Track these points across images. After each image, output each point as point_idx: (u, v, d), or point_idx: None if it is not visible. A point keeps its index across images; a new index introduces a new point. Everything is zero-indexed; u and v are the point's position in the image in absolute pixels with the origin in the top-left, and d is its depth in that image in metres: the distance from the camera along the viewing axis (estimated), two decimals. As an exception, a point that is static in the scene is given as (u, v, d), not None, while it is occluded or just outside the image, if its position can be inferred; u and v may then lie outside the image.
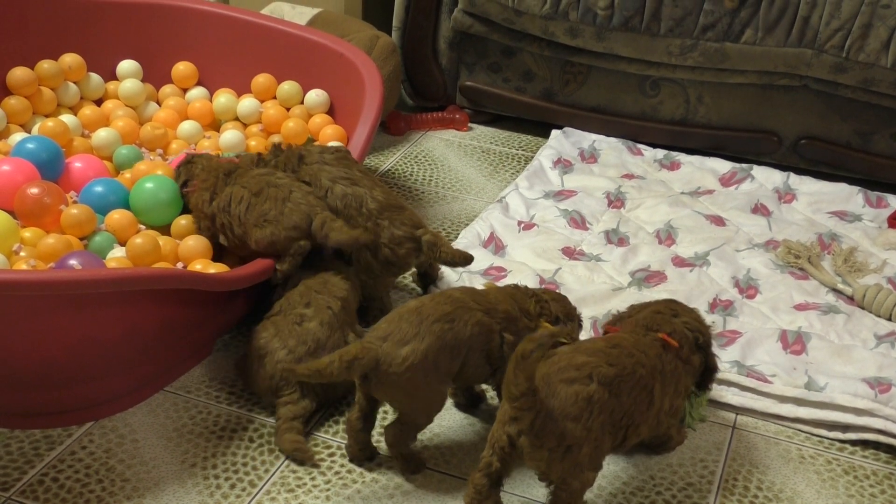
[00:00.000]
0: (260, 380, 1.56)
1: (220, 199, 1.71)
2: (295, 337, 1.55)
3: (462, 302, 1.45)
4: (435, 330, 1.39)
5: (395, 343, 1.37)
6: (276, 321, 1.59)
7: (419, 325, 1.39)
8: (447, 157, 2.49)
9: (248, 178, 1.72)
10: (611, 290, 1.89)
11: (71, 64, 2.16)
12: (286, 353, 1.54)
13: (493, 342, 1.46)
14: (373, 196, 1.76)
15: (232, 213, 1.69)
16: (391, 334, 1.38)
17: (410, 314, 1.41)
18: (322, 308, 1.59)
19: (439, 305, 1.43)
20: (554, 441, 1.27)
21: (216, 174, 1.75)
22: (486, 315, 1.46)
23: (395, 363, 1.36)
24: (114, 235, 1.75)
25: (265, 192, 1.69)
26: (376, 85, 2.05)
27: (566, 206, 2.18)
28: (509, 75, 2.58)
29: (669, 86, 2.46)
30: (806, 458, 1.58)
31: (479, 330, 1.44)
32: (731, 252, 2.04)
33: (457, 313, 1.43)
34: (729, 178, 2.34)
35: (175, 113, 2.20)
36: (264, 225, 1.66)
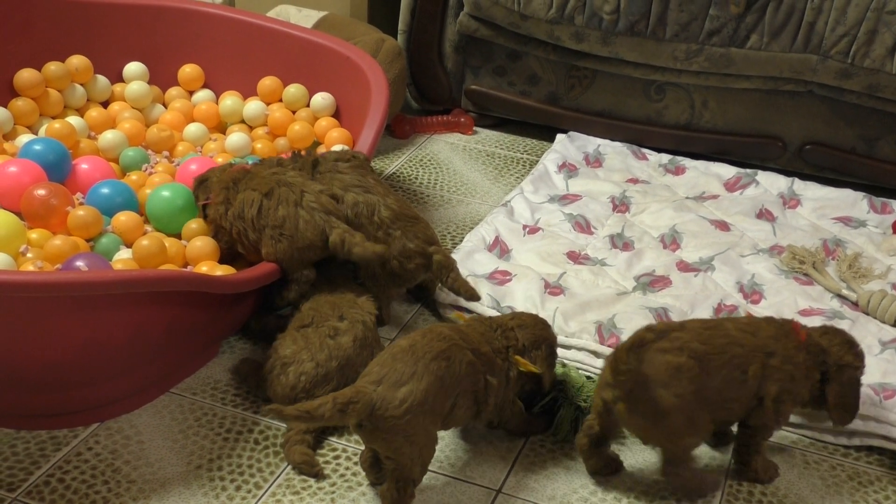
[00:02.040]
0: (280, 388, 1.54)
1: (234, 208, 1.69)
2: (326, 351, 1.53)
3: (453, 340, 1.40)
4: (433, 368, 1.34)
5: (391, 385, 1.31)
6: (306, 333, 1.57)
7: (415, 363, 1.33)
8: (452, 161, 2.49)
9: (257, 180, 1.69)
10: (615, 294, 1.90)
11: (78, 66, 2.17)
12: (314, 367, 1.52)
13: (479, 384, 1.42)
14: (386, 204, 1.74)
15: (245, 218, 1.66)
16: (385, 376, 1.32)
17: (404, 353, 1.35)
18: (356, 322, 1.57)
19: (433, 343, 1.37)
20: (647, 407, 1.34)
21: (227, 185, 1.72)
22: (474, 355, 1.41)
23: (391, 406, 1.29)
24: (120, 237, 1.75)
25: (276, 193, 1.66)
26: (382, 88, 2.06)
27: (571, 211, 2.18)
28: (514, 79, 2.58)
29: (674, 90, 2.46)
30: (811, 463, 1.58)
31: (470, 370, 1.40)
32: (736, 257, 2.04)
33: (451, 351, 1.38)
34: (734, 184, 2.35)
35: (181, 115, 2.20)
36: (280, 239, 1.63)
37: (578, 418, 1.57)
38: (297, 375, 1.52)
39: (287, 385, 1.53)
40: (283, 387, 1.53)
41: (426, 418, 1.34)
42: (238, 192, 1.69)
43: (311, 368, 1.52)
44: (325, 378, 1.52)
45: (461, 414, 1.43)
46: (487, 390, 1.44)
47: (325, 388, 1.52)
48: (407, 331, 1.83)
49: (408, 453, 1.34)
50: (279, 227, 1.64)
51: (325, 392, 1.51)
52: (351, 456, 1.53)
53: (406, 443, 1.32)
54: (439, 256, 1.75)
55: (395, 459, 1.34)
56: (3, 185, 1.78)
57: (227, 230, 1.71)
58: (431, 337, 1.39)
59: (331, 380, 1.53)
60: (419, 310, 1.90)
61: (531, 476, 1.51)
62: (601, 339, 1.76)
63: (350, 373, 1.54)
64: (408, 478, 1.36)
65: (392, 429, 1.31)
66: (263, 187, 1.68)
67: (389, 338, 1.81)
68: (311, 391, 1.52)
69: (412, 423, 1.31)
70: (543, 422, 1.59)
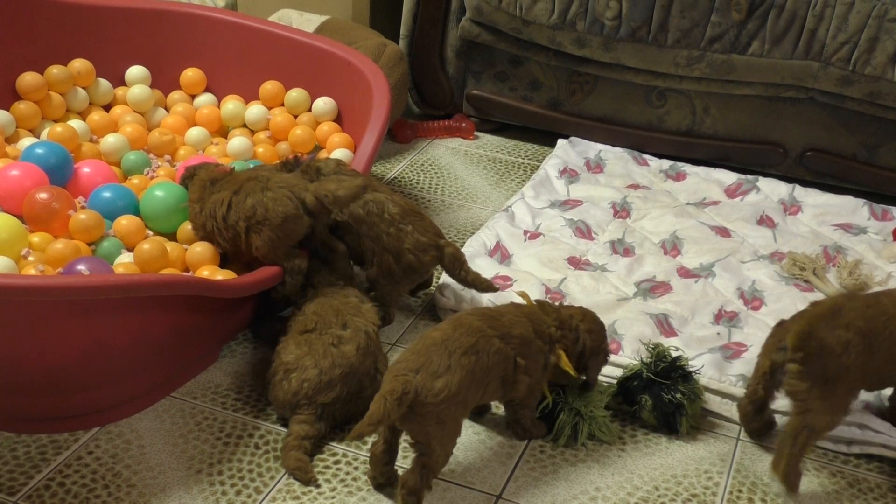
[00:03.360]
0: (282, 393, 1.54)
1: (206, 207, 1.70)
2: (330, 358, 1.54)
3: (481, 331, 1.45)
4: (464, 363, 1.40)
5: (429, 375, 1.38)
6: (310, 339, 1.57)
7: (449, 357, 1.39)
8: (453, 166, 2.50)
9: (231, 181, 1.70)
10: (616, 300, 1.90)
11: (80, 69, 2.17)
12: (317, 374, 1.52)
13: (508, 367, 1.47)
14: (393, 201, 1.77)
15: (217, 217, 1.67)
16: (423, 366, 1.38)
17: (438, 347, 1.41)
18: (360, 331, 1.58)
19: (463, 337, 1.43)
20: (818, 372, 1.44)
21: (204, 184, 1.73)
22: (502, 341, 1.46)
23: (430, 394, 1.36)
24: (122, 241, 1.75)
25: (244, 188, 1.66)
26: (384, 93, 2.05)
27: (572, 216, 2.18)
28: (516, 84, 2.59)
29: (676, 96, 2.47)
30: (810, 470, 1.58)
31: (498, 359, 1.45)
32: (737, 263, 2.04)
33: (480, 344, 1.43)
34: (734, 190, 2.35)
35: (183, 119, 2.20)
36: (259, 229, 1.63)
37: (578, 424, 1.58)
38: (300, 382, 1.52)
39: (289, 391, 1.53)
40: (285, 392, 1.54)
41: (458, 408, 1.41)
42: (213, 193, 1.70)
43: (314, 375, 1.52)
44: (328, 385, 1.52)
45: (489, 397, 1.51)
46: (516, 371, 1.48)
47: (327, 395, 1.52)
48: (410, 333, 1.83)
49: (437, 438, 1.40)
50: (252, 217, 1.64)
51: (326, 399, 1.52)
52: (351, 461, 1.53)
53: (438, 428, 1.39)
54: (451, 249, 1.79)
55: (424, 444, 1.40)
56: (4, 188, 1.78)
57: (201, 227, 1.73)
58: (462, 331, 1.44)
59: (334, 387, 1.53)
60: (420, 314, 1.90)
61: (531, 481, 1.51)
62: (601, 344, 1.76)
63: (352, 381, 1.54)
64: (431, 465, 1.41)
65: (428, 414, 1.37)
66: (233, 186, 1.68)
67: (389, 342, 1.81)
68: (312, 398, 1.52)
69: (446, 411, 1.38)
70: (544, 427, 1.59)
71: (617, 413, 1.66)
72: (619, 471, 1.55)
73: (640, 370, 1.62)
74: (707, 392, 1.66)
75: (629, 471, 1.55)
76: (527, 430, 1.58)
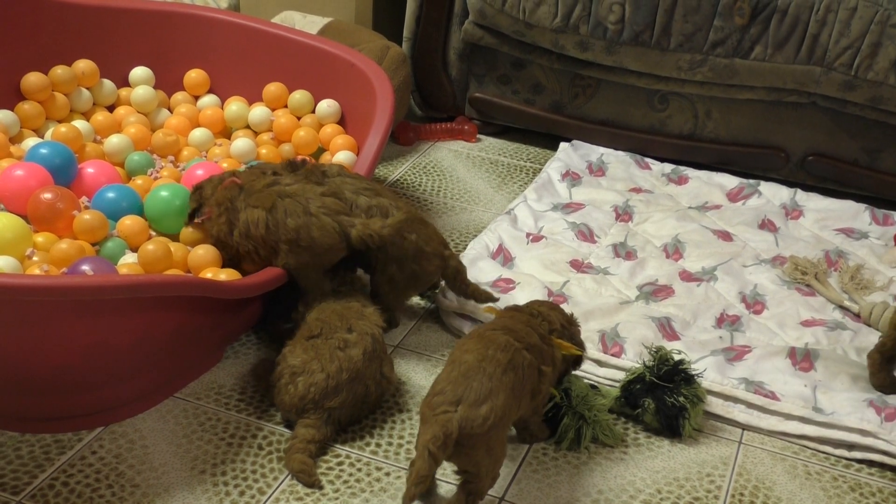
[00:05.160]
0: (288, 397, 1.54)
1: (239, 227, 1.67)
2: (337, 362, 1.53)
3: (512, 345, 1.41)
4: (505, 382, 1.36)
5: (471, 405, 1.31)
6: (316, 344, 1.57)
7: (490, 380, 1.34)
8: (456, 168, 2.50)
9: (256, 196, 1.67)
10: (618, 303, 1.90)
11: (84, 70, 2.17)
12: (324, 378, 1.52)
13: (535, 377, 1.44)
14: (397, 207, 1.76)
15: (254, 237, 1.65)
16: (464, 396, 1.32)
17: (476, 371, 1.35)
18: (365, 334, 1.57)
19: (499, 354, 1.38)
20: None
21: (226, 204, 1.70)
22: (529, 352, 1.43)
23: (476, 425, 1.31)
24: (126, 241, 1.75)
25: (280, 206, 1.64)
26: (387, 95, 2.05)
27: (574, 219, 2.19)
28: (519, 87, 2.59)
29: (678, 100, 2.47)
30: (812, 474, 1.58)
31: (531, 371, 1.43)
32: (739, 267, 2.05)
33: (516, 359, 1.40)
34: (736, 194, 2.35)
35: (187, 120, 2.20)
36: (300, 252, 1.62)
37: (582, 428, 1.58)
38: (307, 386, 1.52)
39: (296, 395, 1.53)
40: (291, 396, 1.53)
41: (504, 430, 1.38)
42: (239, 212, 1.67)
43: (321, 380, 1.52)
44: (335, 390, 1.52)
45: (521, 410, 1.46)
46: (542, 381, 1.46)
47: (334, 400, 1.52)
48: (413, 335, 1.84)
49: (487, 465, 1.37)
50: (294, 241, 1.63)
51: (333, 403, 1.52)
52: (354, 462, 1.54)
53: (487, 455, 1.36)
54: (455, 262, 1.78)
55: (473, 473, 1.37)
56: (9, 188, 1.78)
57: (233, 248, 1.70)
58: (496, 348, 1.40)
59: (340, 391, 1.53)
60: (423, 316, 1.90)
61: (534, 485, 1.52)
62: (604, 347, 1.77)
63: (359, 386, 1.54)
64: (478, 491, 1.38)
65: (476, 445, 1.33)
66: (265, 202, 1.65)
67: (393, 344, 1.81)
68: (319, 402, 1.52)
69: (494, 437, 1.34)
70: (548, 430, 1.59)
71: (620, 416, 1.66)
72: (621, 474, 1.55)
73: (642, 374, 1.63)
74: (709, 395, 1.67)
75: (632, 474, 1.55)
76: (533, 435, 1.58)
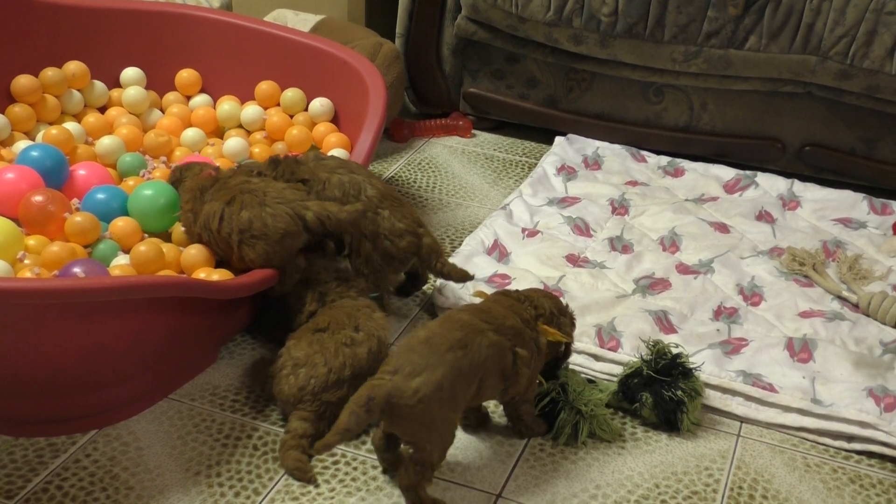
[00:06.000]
0: (287, 387, 1.53)
1: (200, 218, 1.68)
2: (342, 358, 1.53)
3: (472, 325, 1.43)
4: (448, 359, 1.37)
5: (406, 376, 1.34)
6: (322, 338, 1.56)
7: (430, 355, 1.37)
8: (451, 164, 2.49)
9: (223, 191, 1.68)
10: (615, 297, 1.89)
11: (75, 71, 2.16)
12: (327, 372, 1.52)
13: (506, 360, 1.45)
14: (371, 184, 1.76)
15: (212, 229, 1.66)
16: (401, 367, 1.36)
17: (421, 345, 1.38)
18: (372, 335, 1.58)
19: (450, 332, 1.40)
20: None
21: (194, 193, 1.71)
22: (497, 334, 1.44)
23: (405, 396, 1.33)
24: (117, 243, 1.75)
25: (238, 200, 1.64)
26: (380, 92, 2.05)
27: (570, 213, 2.18)
28: (513, 82, 2.58)
29: (673, 92, 2.46)
30: (811, 466, 1.58)
31: (493, 351, 1.43)
32: (736, 259, 2.04)
33: (469, 338, 1.41)
34: (733, 185, 2.35)
35: (178, 120, 2.20)
36: (253, 242, 1.62)
37: (579, 423, 1.57)
38: (308, 377, 1.52)
39: (295, 385, 1.52)
40: (290, 386, 1.53)
41: (443, 406, 1.37)
42: (204, 203, 1.68)
43: (323, 373, 1.52)
44: (336, 384, 1.52)
45: (489, 393, 1.47)
46: (517, 363, 1.46)
47: (333, 394, 1.52)
48: (408, 333, 1.83)
49: (426, 438, 1.38)
50: (247, 231, 1.62)
51: (332, 397, 1.52)
52: (350, 461, 1.53)
53: (423, 428, 1.37)
54: (429, 240, 1.78)
55: (413, 444, 1.39)
56: (0, 191, 1.78)
57: (196, 237, 1.71)
58: (449, 326, 1.42)
59: (341, 386, 1.52)
60: (418, 314, 1.90)
61: (531, 480, 1.51)
62: (601, 342, 1.76)
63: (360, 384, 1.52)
64: (426, 461, 1.39)
65: (408, 416, 1.35)
66: (225, 196, 1.66)
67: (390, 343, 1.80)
68: (318, 395, 1.51)
69: (427, 411, 1.35)
70: (545, 425, 1.59)
71: (617, 411, 1.65)
72: (619, 468, 1.54)
73: (640, 368, 1.62)
74: (707, 388, 1.66)
75: (629, 468, 1.54)
76: (528, 427, 1.58)
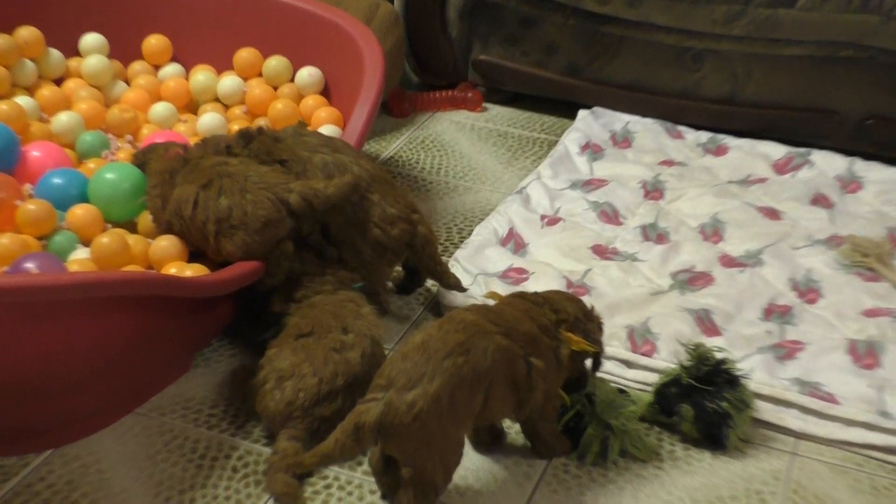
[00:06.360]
0: (273, 403, 1.52)
1: (171, 204, 1.68)
2: (332, 365, 1.53)
3: (477, 326, 1.41)
4: (447, 366, 1.35)
5: (399, 389, 1.33)
6: (307, 344, 1.56)
7: (426, 363, 1.35)
8: (458, 142, 2.49)
9: (196, 172, 1.68)
10: (649, 294, 1.89)
11: (27, 38, 2.16)
12: (317, 383, 1.51)
13: (518, 369, 1.43)
14: (359, 165, 1.75)
15: (184, 216, 1.66)
16: (394, 379, 1.34)
17: (415, 352, 1.36)
18: (364, 336, 1.58)
19: (449, 335, 1.38)
20: None
21: (163, 176, 1.71)
22: (507, 338, 1.42)
23: (400, 413, 1.32)
24: (76, 234, 1.75)
25: (215, 185, 1.64)
26: (377, 60, 2.06)
27: (596, 198, 2.18)
28: (529, 48, 2.58)
29: (714, 59, 2.45)
30: (880, 489, 1.56)
31: (500, 357, 1.40)
32: (788, 250, 2.03)
33: (472, 341, 1.38)
34: (784, 165, 2.34)
35: (146, 93, 2.21)
36: (232, 232, 1.62)
37: (608, 439, 1.56)
38: (296, 391, 1.51)
39: (282, 400, 1.51)
40: (276, 402, 1.52)
41: (444, 421, 1.36)
42: (174, 187, 1.68)
43: (313, 384, 1.51)
44: (328, 396, 1.51)
45: (498, 407, 1.44)
46: (531, 374, 1.44)
47: (326, 408, 1.51)
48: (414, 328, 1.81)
49: (425, 458, 1.37)
50: (226, 220, 1.62)
51: (325, 412, 1.51)
52: (345, 485, 1.52)
53: (422, 448, 1.36)
54: (424, 229, 1.77)
55: (412, 465, 1.37)
56: (-60, 175, 1.78)
57: (164, 226, 1.71)
58: (448, 328, 1.40)
59: (335, 399, 1.52)
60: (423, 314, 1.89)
61: None
62: (633, 346, 1.75)
63: (357, 393, 1.52)
64: (428, 485, 1.39)
65: (403, 434, 1.34)
66: (200, 179, 1.66)
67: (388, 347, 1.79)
68: (309, 409, 1.51)
69: (425, 428, 1.34)
70: (568, 442, 1.57)
71: (653, 425, 1.65)
72: (655, 493, 1.53)
73: (678, 375, 1.61)
74: (757, 399, 1.65)
75: (667, 492, 1.53)
76: (549, 446, 1.56)
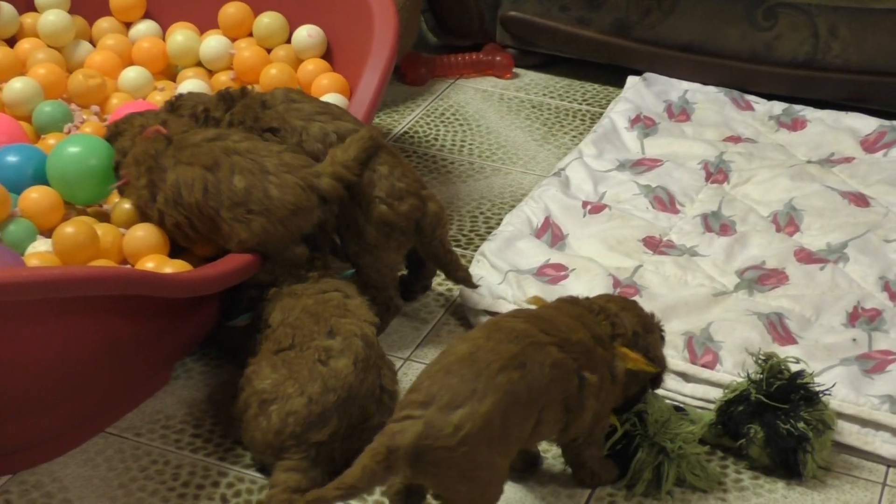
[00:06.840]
0: (259, 434, 1.53)
1: (165, 193, 1.69)
2: (319, 381, 1.53)
3: (530, 336, 1.41)
4: (501, 383, 1.35)
5: (442, 408, 1.33)
6: (288, 358, 1.57)
7: (476, 378, 1.35)
8: (485, 115, 2.50)
9: (191, 151, 1.68)
10: (711, 295, 1.89)
11: (-25, -9, 2.18)
12: (305, 404, 1.51)
13: (571, 386, 1.43)
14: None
15: (186, 204, 1.67)
16: (436, 396, 1.34)
17: (461, 365, 1.36)
18: (352, 336, 1.57)
19: (501, 345, 1.38)
20: None
21: (148, 162, 1.71)
22: (561, 350, 1.43)
23: (442, 435, 1.31)
24: (32, 222, 1.75)
25: (224, 163, 1.66)
26: (389, 18, 2.06)
27: (648, 181, 2.18)
28: (569, 2, 2.58)
29: (790, 14, 2.46)
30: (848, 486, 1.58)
31: (557, 374, 1.41)
32: (878, 243, 2.03)
33: (527, 354, 1.39)
34: (874, 142, 2.34)
35: (116, 56, 2.21)
36: (249, 219, 1.64)
37: (662, 465, 1.57)
38: (283, 416, 1.51)
39: (269, 430, 1.52)
40: (263, 432, 1.52)
41: (492, 448, 1.36)
42: (166, 171, 1.68)
43: (301, 406, 1.51)
44: (320, 418, 1.52)
45: (546, 430, 1.45)
46: (583, 392, 1.45)
47: (321, 432, 1.51)
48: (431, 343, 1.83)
49: (465, 492, 1.36)
50: (243, 204, 1.64)
51: (321, 436, 1.52)
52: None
53: (463, 479, 1.35)
54: (434, 206, 1.79)
55: (447, 499, 1.37)
56: None
57: (156, 219, 1.72)
58: (499, 337, 1.40)
59: (328, 419, 1.52)
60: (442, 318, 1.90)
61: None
62: (692, 356, 1.76)
63: (352, 408, 1.53)
64: None
65: (445, 463, 1.33)
66: (204, 159, 1.67)
67: (402, 357, 1.80)
68: (301, 436, 1.51)
69: (471, 455, 1.33)
70: (616, 468, 1.58)
71: (715, 449, 1.65)
72: (720, 529, 1.54)
73: (746, 391, 1.62)
74: (840, 420, 1.65)
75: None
76: (593, 474, 1.57)
